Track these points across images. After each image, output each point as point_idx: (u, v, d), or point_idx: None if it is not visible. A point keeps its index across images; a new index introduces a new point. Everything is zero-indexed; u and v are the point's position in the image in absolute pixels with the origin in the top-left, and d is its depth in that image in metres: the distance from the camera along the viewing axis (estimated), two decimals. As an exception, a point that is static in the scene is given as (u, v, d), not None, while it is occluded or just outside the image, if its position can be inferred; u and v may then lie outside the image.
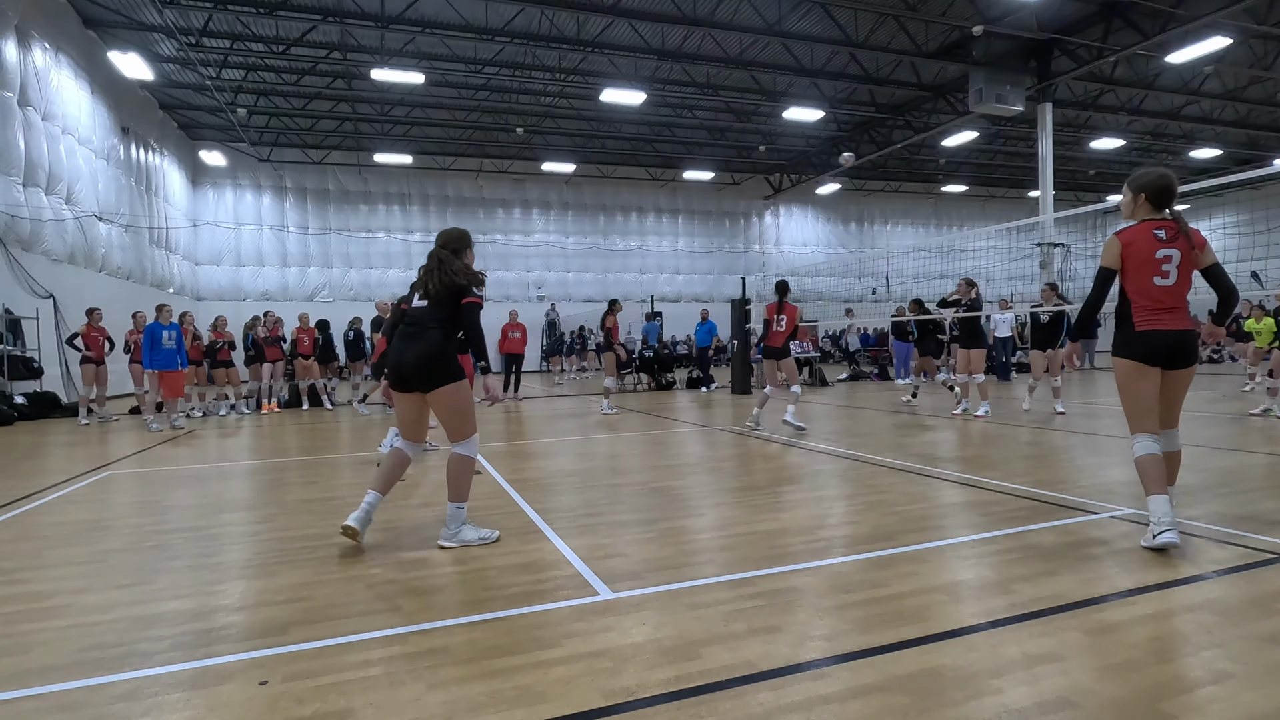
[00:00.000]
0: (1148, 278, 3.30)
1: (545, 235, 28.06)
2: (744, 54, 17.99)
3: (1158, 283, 3.29)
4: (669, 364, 16.52)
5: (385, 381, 3.72)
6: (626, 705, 1.96)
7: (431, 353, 3.48)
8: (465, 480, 3.59)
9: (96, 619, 2.71)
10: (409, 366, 3.50)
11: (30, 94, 12.70)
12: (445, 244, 3.70)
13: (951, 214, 33.89)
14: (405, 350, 3.53)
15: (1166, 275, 3.30)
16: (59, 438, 8.97)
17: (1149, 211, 3.39)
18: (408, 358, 3.50)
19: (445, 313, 3.56)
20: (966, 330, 9.26)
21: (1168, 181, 3.37)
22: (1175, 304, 3.30)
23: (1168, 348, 3.27)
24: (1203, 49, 16.11)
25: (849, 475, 5.27)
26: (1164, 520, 3.15)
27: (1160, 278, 3.29)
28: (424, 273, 3.62)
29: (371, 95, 20.36)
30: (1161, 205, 3.38)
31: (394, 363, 3.56)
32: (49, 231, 13.13)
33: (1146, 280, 3.31)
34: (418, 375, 3.50)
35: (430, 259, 3.63)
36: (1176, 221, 3.35)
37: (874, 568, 3.07)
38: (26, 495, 5.20)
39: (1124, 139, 24.90)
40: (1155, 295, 3.29)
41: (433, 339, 3.51)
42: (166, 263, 20.49)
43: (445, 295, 3.54)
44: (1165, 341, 3.26)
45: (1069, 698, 1.93)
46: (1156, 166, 3.48)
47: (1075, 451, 6.10)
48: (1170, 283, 3.29)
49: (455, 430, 3.60)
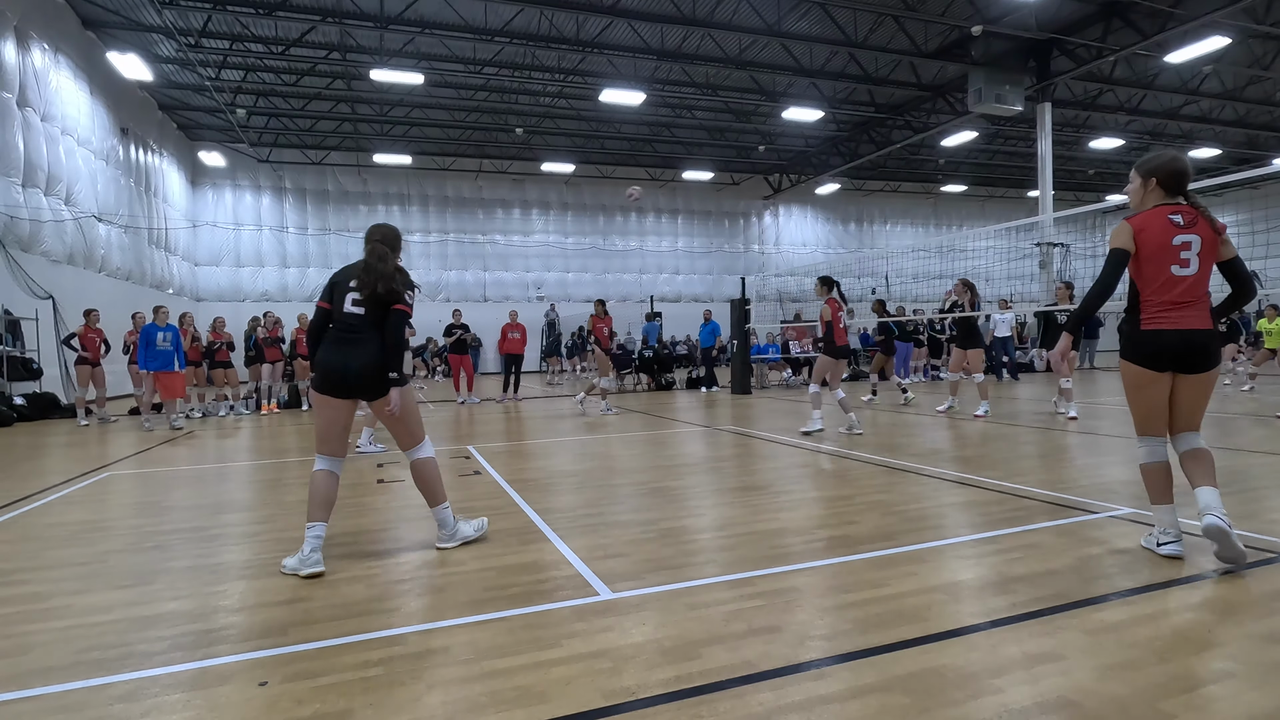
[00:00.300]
0: (1164, 267, 2.93)
1: (545, 235, 28.07)
2: (743, 54, 17.99)
3: (1176, 272, 2.92)
4: (669, 364, 16.52)
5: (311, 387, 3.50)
6: (626, 705, 1.96)
7: (378, 360, 3.36)
8: (438, 481, 3.57)
9: (96, 620, 2.71)
10: (355, 374, 3.33)
11: (29, 95, 12.70)
12: (384, 240, 3.53)
13: (951, 214, 33.90)
14: (351, 356, 3.34)
15: (1186, 264, 2.91)
16: (58, 439, 8.97)
17: (1161, 198, 3.04)
18: (354, 364, 3.33)
19: (384, 316, 3.43)
20: (964, 330, 9.32)
21: (1182, 164, 3.04)
22: (1193, 298, 2.93)
23: (1178, 348, 2.93)
24: (1201, 49, 16.13)
25: (849, 475, 5.26)
26: (1170, 530, 3.03)
27: (1180, 266, 2.92)
28: (369, 274, 3.39)
29: (371, 96, 20.36)
30: (1175, 190, 3.02)
31: (337, 369, 3.34)
32: (48, 232, 13.13)
33: (1162, 270, 2.94)
34: (364, 383, 3.36)
35: (376, 259, 3.42)
36: (1195, 206, 2.99)
37: (874, 567, 3.07)
38: (26, 496, 5.20)
39: (1123, 139, 24.92)
40: (1171, 288, 2.93)
41: (379, 346, 3.38)
42: (166, 263, 20.48)
43: (388, 300, 3.41)
44: (1175, 342, 2.92)
45: (1069, 697, 1.93)
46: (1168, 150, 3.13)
47: (1075, 451, 6.10)
48: (1190, 271, 2.92)
49: (410, 434, 3.54)
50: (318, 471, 3.37)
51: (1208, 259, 2.94)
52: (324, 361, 3.38)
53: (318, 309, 3.53)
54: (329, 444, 3.41)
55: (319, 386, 3.39)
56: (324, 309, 3.50)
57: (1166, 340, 2.94)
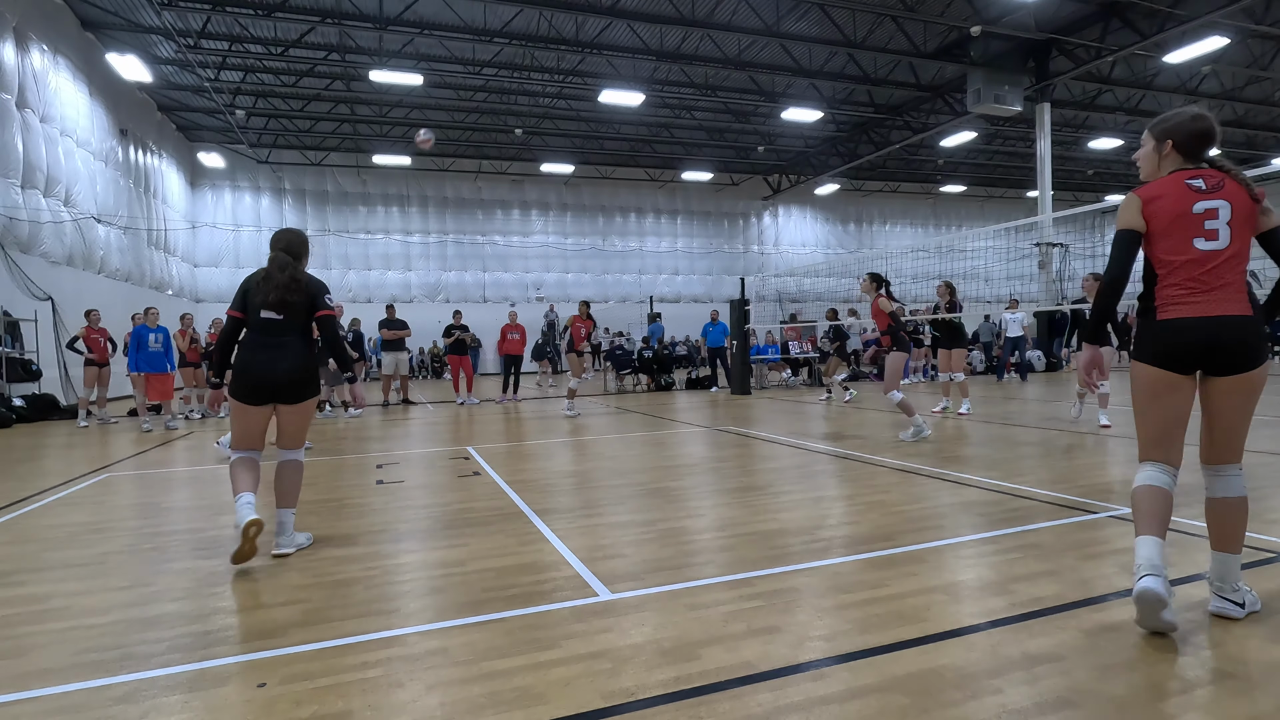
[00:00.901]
0: (1184, 239, 2.32)
1: (544, 236, 28.09)
2: (742, 55, 18.00)
3: (1200, 246, 2.29)
4: (668, 365, 16.52)
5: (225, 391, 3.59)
6: (626, 706, 1.95)
7: (303, 365, 3.49)
8: (299, 486, 3.66)
9: (95, 621, 2.70)
10: (282, 379, 3.43)
11: (28, 96, 12.70)
12: (288, 248, 3.61)
13: (950, 214, 33.93)
14: (274, 362, 3.42)
15: (1214, 236, 2.29)
16: (57, 440, 8.96)
17: (1179, 164, 2.44)
18: (280, 369, 3.41)
19: (302, 322, 3.54)
20: (947, 331, 9.52)
21: (1205, 124, 2.41)
22: (1222, 280, 2.28)
23: (1204, 343, 2.28)
24: (1200, 49, 16.14)
25: (848, 475, 5.26)
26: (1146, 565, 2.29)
27: (1205, 239, 2.29)
28: (266, 283, 3.46)
29: (370, 97, 20.37)
30: (1197, 155, 2.43)
31: (261, 375, 3.41)
32: (47, 233, 13.13)
33: (1182, 243, 2.32)
34: (289, 388, 3.46)
35: (276, 268, 3.50)
36: (1221, 168, 2.38)
37: (873, 568, 3.07)
38: (25, 498, 5.19)
39: (1122, 139, 24.93)
40: (1196, 267, 2.30)
41: (300, 351, 3.50)
42: (165, 265, 20.49)
43: (302, 306, 3.50)
44: (1199, 334, 2.29)
45: (1068, 698, 1.93)
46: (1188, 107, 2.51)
47: (1075, 451, 6.10)
48: (1220, 245, 2.28)
49: (297, 439, 3.65)
50: (237, 459, 3.48)
51: (1243, 230, 2.29)
52: (246, 367, 3.41)
53: (230, 318, 3.54)
54: (249, 441, 3.54)
55: (239, 394, 3.44)
56: (236, 318, 3.52)
57: (1190, 331, 2.30)
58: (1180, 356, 2.33)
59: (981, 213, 34.06)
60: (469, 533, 3.86)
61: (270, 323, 3.47)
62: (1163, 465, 2.42)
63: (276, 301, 3.43)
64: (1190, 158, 2.44)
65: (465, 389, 13.19)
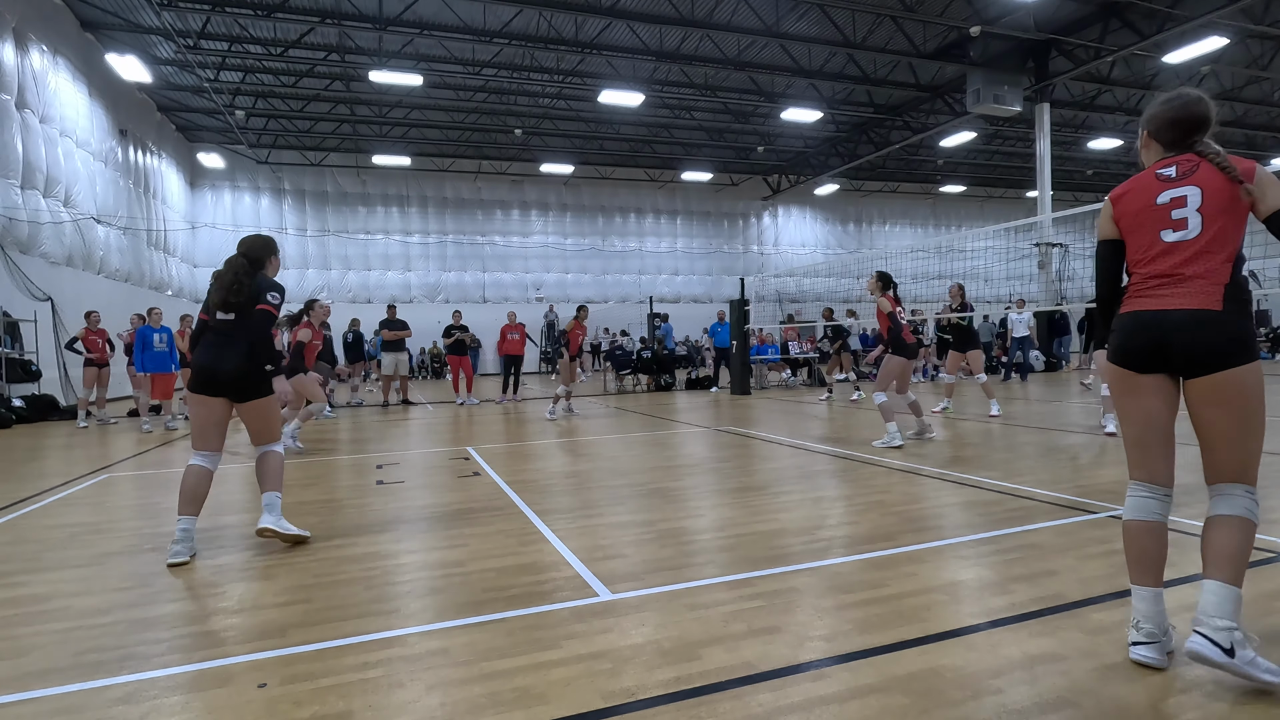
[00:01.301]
0: (1150, 233, 2.16)
1: (544, 237, 28.07)
2: (742, 55, 18.01)
3: (1166, 238, 2.12)
4: (668, 365, 16.52)
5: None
6: (626, 707, 1.96)
7: (247, 363, 3.63)
8: (281, 472, 3.78)
9: (95, 622, 2.70)
10: (225, 375, 3.60)
11: (28, 96, 12.70)
12: (248, 251, 3.84)
13: (950, 214, 33.94)
14: (220, 359, 3.61)
15: (1182, 225, 2.10)
16: (57, 440, 8.96)
17: (1159, 154, 2.28)
18: (225, 366, 3.59)
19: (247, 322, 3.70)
20: (962, 333, 9.49)
21: (1178, 108, 2.22)
22: (1189, 270, 2.07)
23: (1155, 339, 2.09)
24: (1200, 49, 16.15)
25: (848, 475, 5.27)
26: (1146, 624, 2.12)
27: (1171, 230, 2.12)
28: (219, 286, 3.69)
29: (370, 97, 20.37)
30: (1178, 143, 2.22)
31: (207, 369, 3.60)
32: (47, 234, 13.13)
33: (1149, 237, 2.17)
34: (233, 384, 3.63)
35: (227, 269, 3.74)
36: (1199, 152, 2.15)
37: (873, 568, 3.07)
38: (25, 498, 5.19)
39: (1121, 139, 24.94)
40: (1163, 257, 2.12)
41: (244, 350, 3.63)
42: (165, 265, 20.48)
43: (249, 306, 3.68)
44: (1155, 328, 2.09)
45: (1068, 697, 1.93)
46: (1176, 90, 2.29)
47: (1074, 451, 6.10)
48: (1188, 234, 2.09)
49: (264, 435, 3.79)
50: (191, 466, 3.58)
51: (1219, 216, 2.06)
52: (196, 362, 3.66)
53: (199, 320, 3.81)
54: (204, 440, 3.64)
55: (192, 385, 3.66)
56: (202, 319, 3.77)
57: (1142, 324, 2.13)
58: (1134, 352, 2.14)
59: (981, 213, 34.07)
60: (469, 533, 3.86)
61: (222, 322, 3.69)
62: (1149, 486, 2.20)
63: (219, 302, 3.65)
64: (1170, 146, 2.24)
65: (465, 389, 13.19)
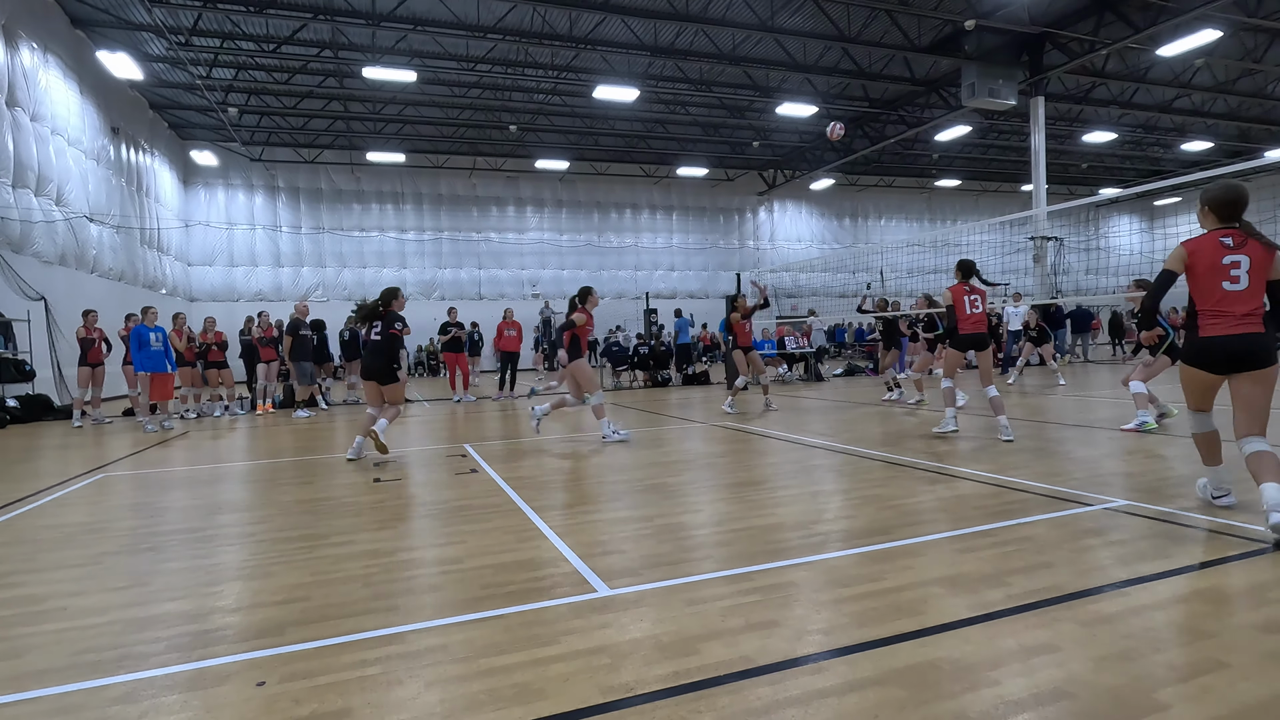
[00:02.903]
0: (1215, 283, 3.41)
1: (539, 233, 28.01)
2: (737, 50, 17.98)
3: (1227, 288, 3.39)
4: (665, 361, 16.53)
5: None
6: (625, 701, 1.96)
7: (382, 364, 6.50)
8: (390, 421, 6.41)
9: (92, 622, 2.70)
10: (369, 370, 6.55)
11: (19, 94, 12.61)
12: (381, 297, 6.63)
13: (945, 208, 33.98)
14: (371, 361, 6.56)
15: (1236, 280, 3.38)
16: (52, 440, 8.93)
17: (1215, 223, 3.51)
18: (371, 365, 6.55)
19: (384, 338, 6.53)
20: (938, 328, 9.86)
21: (1232, 194, 3.48)
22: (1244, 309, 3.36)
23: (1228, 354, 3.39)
24: (1193, 42, 16.18)
25: (845, 470, 5.28)
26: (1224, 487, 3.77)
27: (1230, 283, 3.39)
28: (365, 316, 6.64)
29: (363, 94, 20.27)
30: (1228, 217, 3.47)
31: (366, 367, 6.63)
32: (39, 233, 13.05)
33: (1214, 285, 3.41)
34: (375, 375, 6.51)
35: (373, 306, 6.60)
36: (1244, 229, 3.43)
37: (870, 562, 3.08)
38: (21, 498, 5.17)
39: (1116, 132, 24.99)
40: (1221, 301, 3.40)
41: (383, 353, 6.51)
42: (158, 263, 20.38)
43: (385, 329, 6.50)
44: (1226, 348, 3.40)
45: (1065, 689, 1.94)
46: (1229, 180, 3.59)
47: (1070, 444, 6.12)
48: (1240, 288, 3.37)
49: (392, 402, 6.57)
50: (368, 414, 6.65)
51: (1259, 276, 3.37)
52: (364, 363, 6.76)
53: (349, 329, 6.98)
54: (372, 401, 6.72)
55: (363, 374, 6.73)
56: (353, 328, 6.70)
57: (1220, 346, 3.43)
58: (1215, 363, 3.45)
59: (976, 207, 34.12)
60: (467, 530, 3.86)
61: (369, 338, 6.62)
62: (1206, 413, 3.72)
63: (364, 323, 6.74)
64: (1224, 219, 3.48)
65: (462, 386, 13.18)
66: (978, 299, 6.64)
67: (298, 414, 10.97)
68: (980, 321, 6.61)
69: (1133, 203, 35.25)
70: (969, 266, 6.80)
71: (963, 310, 6.60)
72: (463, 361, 13.40)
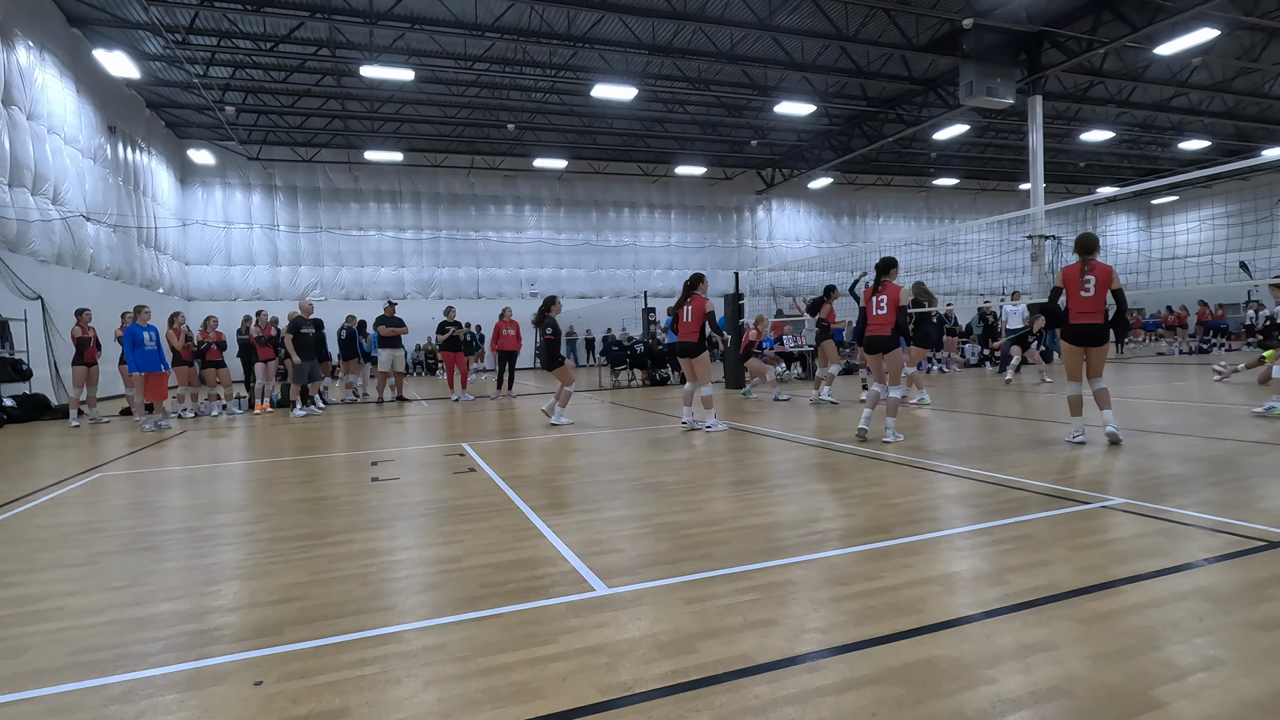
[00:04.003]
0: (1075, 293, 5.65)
1: (537, 232, 28.00)
2: (735, 48, 17.97)
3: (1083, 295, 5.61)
4: (662, 359, 16.51)
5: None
6: (623, 700, 1.96)
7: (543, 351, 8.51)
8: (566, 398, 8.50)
9: (89, 621, 2.69)
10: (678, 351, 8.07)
11: (15, 93, 12.57)
12: (542, 306, 8.46)
13: (943, 207, 34.01)
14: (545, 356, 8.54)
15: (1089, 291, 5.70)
16: (49, 440, 8.91)
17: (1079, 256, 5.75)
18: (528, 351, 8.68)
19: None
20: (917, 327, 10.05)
21: (1087, 241, 5.73)
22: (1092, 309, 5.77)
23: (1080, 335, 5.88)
24: (1191, 40, 16.19)
25: (842, 468, 5.28)
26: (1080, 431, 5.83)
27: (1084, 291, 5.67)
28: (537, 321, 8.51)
29: (361, 92, 20.25)
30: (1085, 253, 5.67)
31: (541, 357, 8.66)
32: (36, 232, 13.02)
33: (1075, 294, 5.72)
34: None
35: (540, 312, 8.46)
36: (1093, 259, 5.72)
37: (868, 560, 3.09)
38: (17, 498, 5.16)
39: (1114, 131, 25.01)
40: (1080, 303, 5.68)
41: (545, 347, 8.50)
42: (156, 263, 20.35)
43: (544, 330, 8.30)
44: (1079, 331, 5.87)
45: (1062, 686, 1.95)
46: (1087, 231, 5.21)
47: (1065, 443, 6.12)
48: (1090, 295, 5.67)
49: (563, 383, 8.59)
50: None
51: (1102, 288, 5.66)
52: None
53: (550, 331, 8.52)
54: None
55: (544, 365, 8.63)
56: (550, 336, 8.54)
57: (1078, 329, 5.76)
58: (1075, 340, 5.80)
59: (974, 205, 34.14)
60: (465, 529, 3.86)
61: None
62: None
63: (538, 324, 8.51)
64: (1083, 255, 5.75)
65: (460, 385, 13.17)
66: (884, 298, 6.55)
67: (295, 413, 10.96)
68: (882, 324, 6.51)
69: (1130, 201, 35.31)
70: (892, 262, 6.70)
71: (870, 312, 6.62)
72: (461, 361, 13.39)
